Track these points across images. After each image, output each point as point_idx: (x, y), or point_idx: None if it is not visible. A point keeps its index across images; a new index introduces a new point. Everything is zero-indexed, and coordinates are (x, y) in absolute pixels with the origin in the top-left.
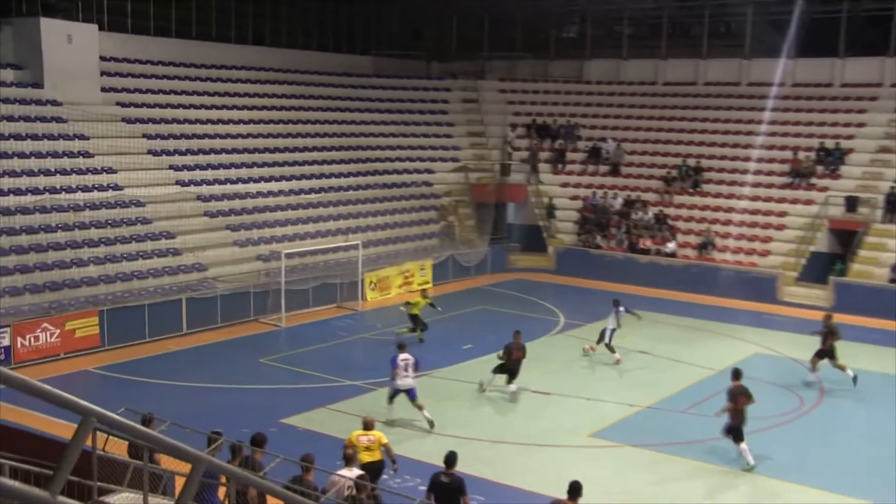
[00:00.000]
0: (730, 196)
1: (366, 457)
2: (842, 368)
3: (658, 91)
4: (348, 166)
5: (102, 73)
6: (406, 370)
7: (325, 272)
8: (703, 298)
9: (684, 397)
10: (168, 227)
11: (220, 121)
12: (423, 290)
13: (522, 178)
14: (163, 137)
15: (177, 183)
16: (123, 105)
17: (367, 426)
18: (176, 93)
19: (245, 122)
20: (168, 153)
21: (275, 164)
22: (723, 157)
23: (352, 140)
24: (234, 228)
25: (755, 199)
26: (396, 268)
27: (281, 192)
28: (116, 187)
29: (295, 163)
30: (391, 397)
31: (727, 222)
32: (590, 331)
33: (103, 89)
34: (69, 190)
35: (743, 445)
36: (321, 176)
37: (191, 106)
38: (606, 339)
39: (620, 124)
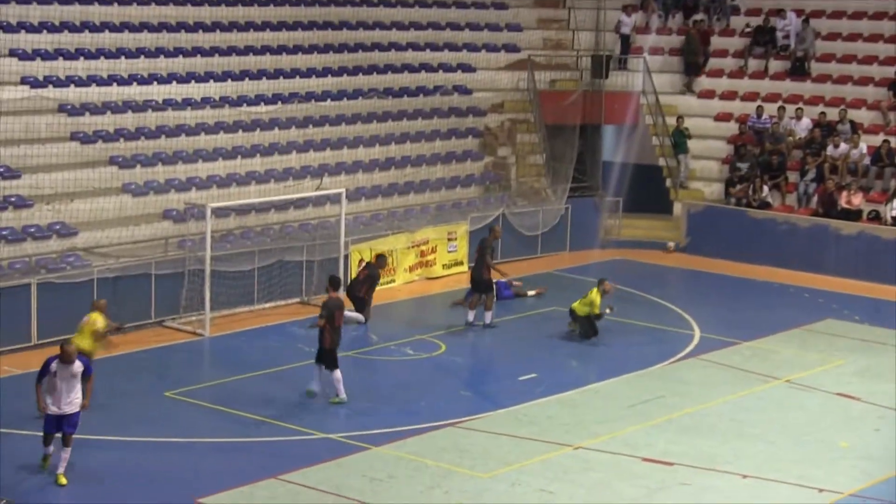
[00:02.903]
0: None
1: None
2: None
3: None
4: (325, 58)
5: None
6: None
7: (281, 243)
8: None
9: None
10: (9, 159)
11: None
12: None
13: (635, 81)
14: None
15: (23, 82)
16: None
17: None
18: None
19: None
20: (8, 28)
21: (196, 51)
22: None
23: (331, 12)
24: (123, 164)
25: None
26: (406, 236)
27: (207, 102)
28: None
29: (232, 50)
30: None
31: None
32: (748, 352)
33: None
34: None
35: (337, 374)
36: (278, 74)
37: None
38: None
39: None
